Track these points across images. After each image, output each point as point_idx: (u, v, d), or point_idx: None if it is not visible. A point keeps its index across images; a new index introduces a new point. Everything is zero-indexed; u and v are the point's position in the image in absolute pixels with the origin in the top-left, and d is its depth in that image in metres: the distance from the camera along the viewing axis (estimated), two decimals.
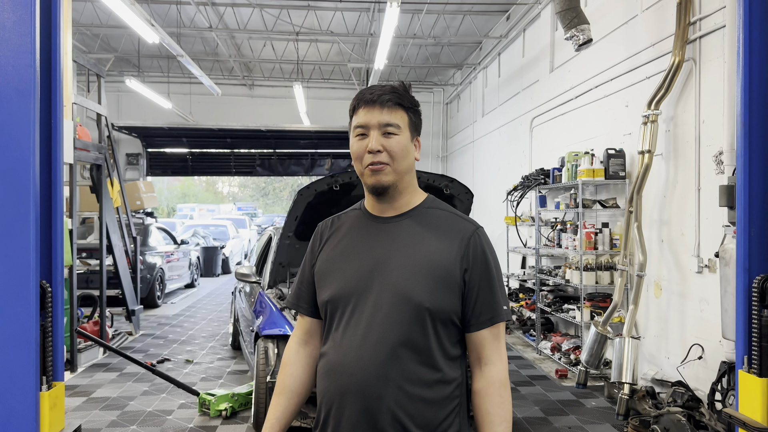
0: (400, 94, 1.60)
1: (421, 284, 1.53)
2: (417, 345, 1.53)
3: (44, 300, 2.58)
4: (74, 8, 9.94)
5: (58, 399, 2.63)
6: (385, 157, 1.57)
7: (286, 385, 1.71)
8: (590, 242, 6.06)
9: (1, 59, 2.41)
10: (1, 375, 2.41)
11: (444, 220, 1.64)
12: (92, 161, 7.12)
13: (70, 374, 6.26)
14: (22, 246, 2.41)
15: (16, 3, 2.43)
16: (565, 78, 7.64)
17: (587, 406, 5.22)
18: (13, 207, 2.41)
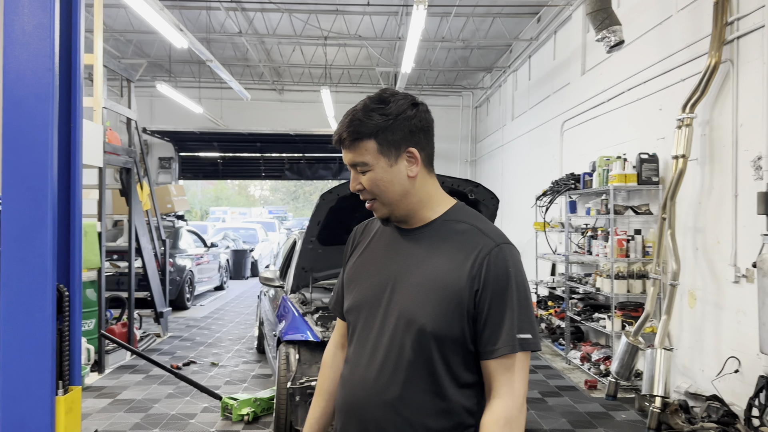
0: (356, 126, 1.44)
1: (427, 307, 1.42)
2: (421, 371, 1.42)
3: (61, 304, 2.58)
4: (108, 14, 10.13)
5: (74, 404, 2.62)
6: (368, 194, 1.51)
7: (324, 387, 1.70)
8: (622, 249, 5.89)
9: (21, 63, 2.42)
10: (17, 379, 2.41)
11: (462, 234, 1.49)
12: (121, 165, 7.20)
13: (97, 375, 6.32)
14: (39, 250, 2.41)
15: (35, 7, 2.43)
16: (596, 81, 7.47)
17: (617, 419, 5.06)
18: (30, 211, 2.42)
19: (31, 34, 2.43)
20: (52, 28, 2.44)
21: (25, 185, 2.41)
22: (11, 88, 2.41)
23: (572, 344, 7.14)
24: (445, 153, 14.80)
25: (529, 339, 1.40)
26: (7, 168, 2.41)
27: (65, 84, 2.67)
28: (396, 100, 1.47)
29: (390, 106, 1.46)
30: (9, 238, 2.40)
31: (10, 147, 2.41)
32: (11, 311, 2.40)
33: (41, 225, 2.41)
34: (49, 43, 2.43)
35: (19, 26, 2.42)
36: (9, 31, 2.41)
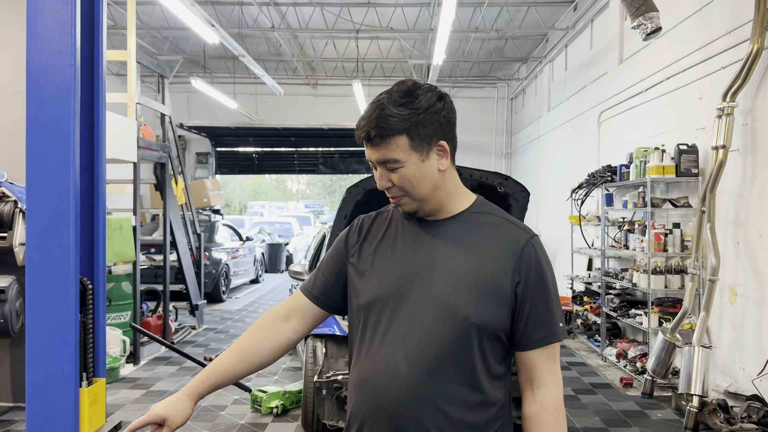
0: (386, 122, 1.38)
1: (468, 297, 1.40)
2: (460, 363, 1.39)
3: (85, 297, 2.62)
4: (143, 11, 10.30)
5: (99, 395, 2.66)
6: (397, 191, 1.45)
7: (245, 347, 1.55)
8: (659, 244, 5.70)
9: (43, 59, 2.45)
10: (42, 371, 2.45)
11: (495, 227, 1.48)
12: (156, 160, 7.31)
13: (132, 367, 6.45)
14: (62, 243, 2.44)
15: (57, 3, 2.46)
16: (634, 70, 7.25)
17: (652, 418, 4.91)
18: (53, 205, 2.45)
19: (53, 29, 2.46)
20: (74, 23, 2.46)
21: (48, 180, 2.44)
22: (34, 83, 2.44)
23: (608, 341, 6.97)
24: (479, 146, 14.63)
25: (564, 328, 1.47)
26: (31, 162, 2.45)
27: (88, 79, 2.70)
28: (424, 92, 1.42)
29: (420, 99, 1.40)
30: (34, 232, 2.44)
31: (33, 142, 2.44)
32: (36, 303, 2.45)
33: (64, 219, 2.44)
34: (71, 39, 2.46)
35: (41, 22, 2.45)
36: (32, 27, 2.45)
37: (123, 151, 6.14)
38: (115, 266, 6.86)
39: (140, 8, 10.10)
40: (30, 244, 2.42)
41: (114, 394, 5.51)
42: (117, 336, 6.38)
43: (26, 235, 2.42)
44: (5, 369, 5.06)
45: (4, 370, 5.05)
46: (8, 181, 5.00)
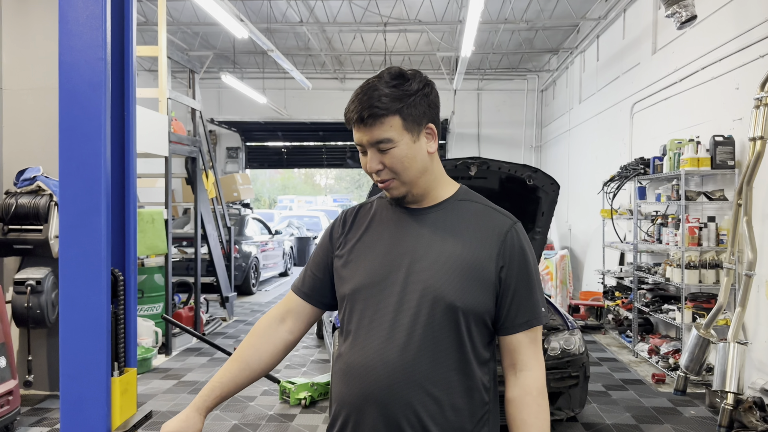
0: (381, 102, 1.39)
1: (454, 282, 1.41)
2: (448, 348, 1.42)
3: (116, 288, 2.66)
4: (174, 7, 10.42)
5: (130, 384, 2.71)
6: (387, 174, 1.45)
7: (244, 356, 1.56)
8: (694, 238, 5.58)
9: (74, 53, 2.49)
10: (75, 360, 2.50)
11: (479, 213, 1.51)
12: (187, 154, 7.41)
13: (165, 357, 6.57)
14: (93, 235, 2.49)
15: None
16: (668, 60, 7.08)
17: (685, 415, 4.81)
18: (85, 198, 2.49)
19: (84, 24, 2.49)
20: (104, 18, 2.50)
21: (80, 173, 2.49)
22: (66, 78, 2.49)
23: (640, 336, 6.85)
24: (509, 139, 14.49)
25: (544, 312, 1.49)
26: (63, 156, 2.49)
27: (118, 73, 2.73)
28: (412, 76, 1.46)
29: (410, 82, 1.44)
30: (66, 225, 2.49)
31: (65, 135, 2.49)
32: (69, 294, 2.50)
33: (96, 212, 2.48)
34: (101, 34, 2.49)
35: (73, 17, 2.49)
36: (64, 22, 2.49)
37: (155, 146, 6.24)
38: (147, 259, 6.99)
39: (171, 4, 10.22)
40: (63, 236, 2.47)
41: (146, 384, 5.61)
42: (149, 327, 6.50)
43: (59, 227, 2.46)
44: (42, 358, 5.20)
45: (41, 360, 5.19)
46: (44, 175, 5.13)
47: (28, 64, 5.32)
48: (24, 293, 4.70)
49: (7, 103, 5.33)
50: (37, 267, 4.96)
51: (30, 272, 4.84)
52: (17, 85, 5.32)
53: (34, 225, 4.95)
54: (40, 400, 5.07)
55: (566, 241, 11.74)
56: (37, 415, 4.76)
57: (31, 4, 5.33)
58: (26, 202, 4.95)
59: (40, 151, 5.25)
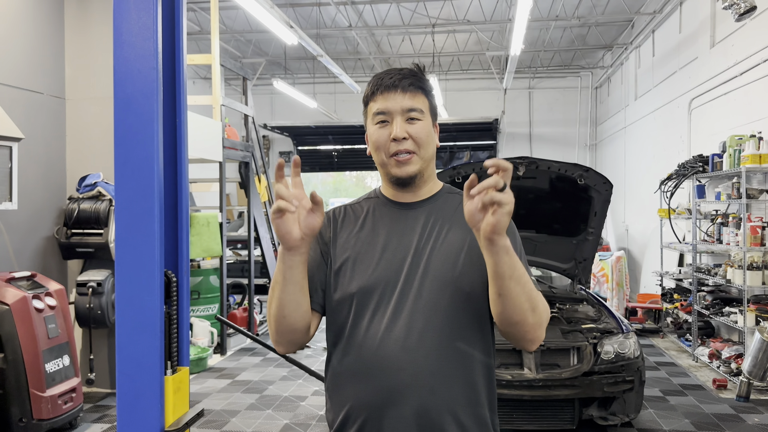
0: (420, 78, 1.52)
1: (459, 268, 1.45)
2: (472, 334, 1.46)
3: (169, 289, 2.75)
4: (227, 16, 10.69)
5: (182, 383, 2.79)
6: (411, 145, 1.48)
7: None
8: (756, 237, 5.34)
9: (127, 63, 2.59)
10: (131, 358, 2.60)
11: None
12: (240, 159, 7.59)
13: (220, 357, 6.74)
14: (147, 238, 2.58)
15: (140, 10, 2.59)
16: (728, 53, 6.81)
17: (748, 423, 4.61)
18: (139, 202, 2.59)
19: (137, 35, 2.59)
20: (156, 29, 2.59)
21: (135, 179, 2.59)
22: (121, 87, 2.59)
23: (700, 340, 6.60)
24: (562, 138, 14.20)
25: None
26: (119, 162, 2.59)
27: (170, 82, 2.83)
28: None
29: (429, 81, 1.57)
30: (122, 228, 2.59)
31: (121, 142, 2.59)
32: (125, 295, 2.60)
33: (149, 215, 2.57)
34: (153, 44, 2.58)
35: (126, 28, 2.59)
36: (118, 33, 2.59)
37: (209, 151, 6.41)
38: (203, 261, 7.19)
39: (224, 13, 10.49)
40: (118, 239, 2.57)
41: (201, 383, 5.77)
42: (205, 327, 6.69)
43: (115, 230, 2.57)
44: (103, 357, 5.42)
45: (103, 359, 5.41)
46: (104, 181, 5.35)
47: (89, 75, 5.56)
48: (86, 294, 4.92)
49: (70, 112, 5.59)
50: (98, 269, 5.18)
51: (91, 274, 5.05)
52: (79, 95, 5.58)
53: (95, 229, 5.18)
54: (101, 398, 5.29)
55: (623, 242, 11.43)
56: (99, 411, 4.96)
57: (91, 17, 5.58)
58: (88, 207, 5.17)
59: (100, 158, 5.48)
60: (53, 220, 5.38)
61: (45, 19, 5.38)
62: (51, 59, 5.45)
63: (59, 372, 4.35)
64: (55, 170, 5.47)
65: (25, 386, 4.13)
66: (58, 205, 5.46)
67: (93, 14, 5.58)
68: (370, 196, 1.65)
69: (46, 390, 4.20)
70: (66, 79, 5.59)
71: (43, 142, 5.33)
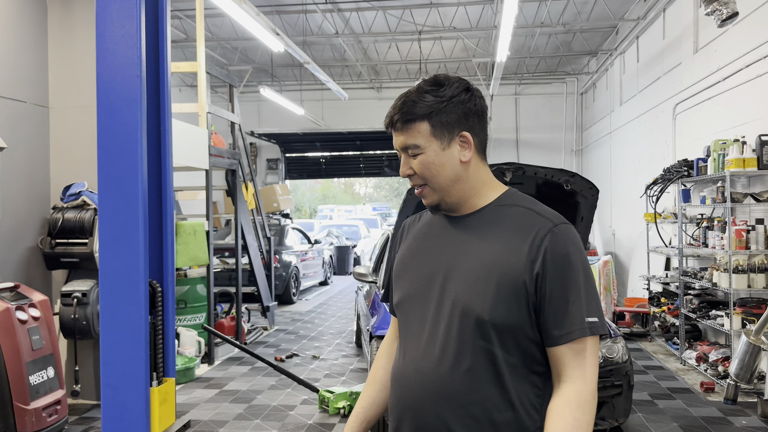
0: (409, 107, 1.41)
1: (483, 295, 1.36)
2: (481, 362, 1.36)
3: (154, 299, 2.73)
4: (213, 23, 10.67)
5: (168, 394, 2.76)
6: (418, 180, 1.46)
7: (377, 377, 1.67)
8: (741, 241, 5.38)
9: (111, 71, 2.57)
10: (116, 370, 2.57)
11: (517, 217, 1.42)
12: (227, 167, 7.55)
13: (207, 367, 6.67)
14: (131, 248, 2.55)
15: (123, 18, 2.57)
16: (711, 59, 6.88)
17: (736, 425, 4.63)
18: (123, 212, 2.56)
19: (120, 43, 2.57)
20: (139, 36, 2.57)
21: (118, 187, 2.56)
22: (104, 95, 2.57)
23: (687, 343, 6.64)
24: (548, 143, 14.30)
25: (597, 323, 1.35)
26: (102, 171, 2.57)
27: (154, 90, 2.81)
28: (450, 83, 1.44)
29: (444, 88, 1.43)
30: (105, 238, 2.57)
31: (104, 151, 2.57)
32: (109, 306, 2.57)
33: (133, 225, 2.55)
34: (136, 51, 2.57)
35: (109, 36, 2.57)
36: (101, 41, 2.57)
37: (195, 159, 6.37)
38: (189, 270, 7.13)
39: (210, 20, 10.46)
40: (102, 249, 2.54)
41: (189, 393, 5.71)
42: (192, 337, 6.63)
43: (99, 240, 2.54)
44: (89, 369, 5.35)
45: (88, 370, 5.34)
46: (89, 190, 5.30)
47: (73, 84, 5.52)
48: (71, 305, 4.86)
49: (54, 121, 5.54)
50: (83, 279, 5.12)
51: (76, 285, 4.99)
52: (63, 103, 5.53)
53: (80, 239, 5.12)
54: (87, 410, 5.22)
55: (610, 246, 11.49)
56: (84, 423, 4.89)
57: (75, 24, 5.54)
58: (72, 217, 5.12)
59: (85, 167, 5.43)
60: (37, 230, 5.32)
61: (28, 27, 5.34)
62: (34, 68, 5.40)
63: (43, 384, 4.28)
64: (38, 179, 5.42)
65: (8, 399, 4.06)
66: (42, 214, 5.40)
67: (77, 22, 5.54)
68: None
69: (30, 402, 4.13)
70: (50, 87, 5.54)
71: (27, 151, 5.28)
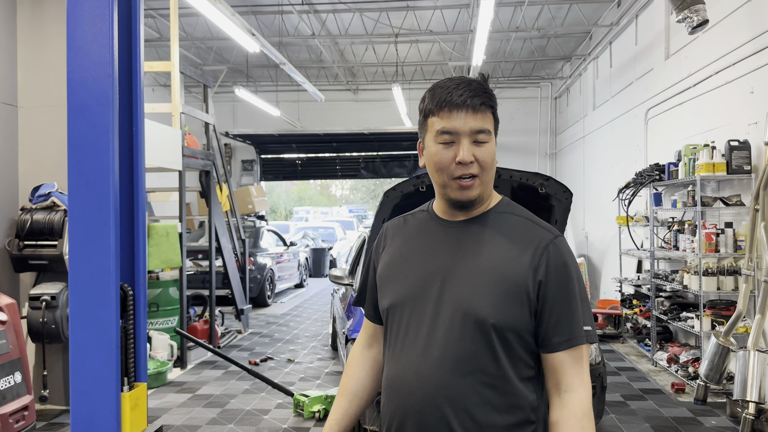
0: (490, 94, 1.41)
1: (487, 297, 1.37)
2: (482, 364, 1.37)
3: (126, 303, 2.67)
4: (187, 23, 10.55)
5: (140, 399, 2.71)
6: (476, 169, 1.39)
7: (348, 387, 1.65)
8: (711, 244, 5.49)
9: (82, 70, 2.51)
10: (86, 374, 2.51)
11: (518, 226, 1.45)
12: (201, 168, 7.46)
13: (180, 371, 6.58)
14: (103, 250, 2.50)
15: (95, 16, 2.52)
16: (682, 65, 7.02)
17: (706, 425, 4.71)
18: (94, 213, 2.51)
19: (92, 41, 2.52)
20: (111, 35, 2.52)
21: (89, 189, 2.51)
22: (74, 94, 2.52)
23: (659, 345, 6.74)
24: (523, 147, 14.44)
25: (591, 331, 1.40)
26: (72, 172, 2.51)
27: (126, 89, 2.76)
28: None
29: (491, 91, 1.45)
30: (76, 240, 2.51)
31: (74, 151, 2.51)
32: (79, 309, 2.51)
33: (104, 227, 2.50)
34: (109, 51, 2.52)
35: (81, 34, 2.52)
36: (72, 39, 2.52)
37: (168, 160, 6.29)
38: (162, 272, 7.02)
39: (184, 20, 10.34)
40: (72, 251, 2.48)
41: (161, 398, 5.62)
42: (164, 341, 6.53)
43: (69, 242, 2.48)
44: (58, 373, 5.23)
45: (57, 375, 5.22)
46: (59, 191, 5.18)
47: (43, 82, 5.40)
48: (39, 308, 4.75)
49: (22, 120, 5.41)
50: (53, 282, 5.00)
51: (45, 287, 4.88)
52: (32, 102, 5.40)
53: (49, 240, 5.01)
54: (55, 415, 5.10)
55: (583, 249, 11.63)
56: (53, 429, 4.78)
57: (45, 22, 5.42)
58: (41, 218, 5.00)
59: (55, 168, 5.32)
60: (4, 232, 5.19)
61: None
62: (2, 66, 5.27)
63: (10, 389, 4.17)
64: (6, 180, 5.28)
65: None
66: (10, 215, 5.27)
67: (47, 19, 5.42)
68: (423, 209, 1.61)
69: None
70: (18, 86, 5.41)
71: None
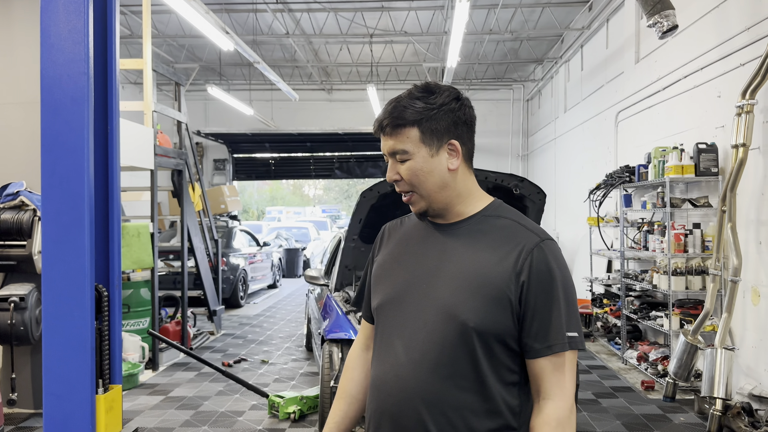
0: (400, 112, 1.42)
1: (469, 301, 1.37)
2: (463, 367, 1.37)
3: (101, 304, 2.63)
4: (159, 20, 10.40)
5: (115, 402, 2.67)
6: (405, 185, 1.46)
7: (347, 389, 1.65)
8: (679, 244, 5.61)
9: (56, 68, 2.47)
10: (60, 377, 2.47)
11: (504, 229, 1.45)
12: (173, 167, 7.37)
13: (152, 373, 6.49)
14: (77, 251, 2.46)
15: (69, 12, 2.48)
16: (651, 69, 7.16)
17: (675, 422, 4.82)
18: (68, 213, 2.47)
19: (67, 39, 2.48)
20: (86, 32, 2.48)
21: (63, 188, 2.47)
22: (48, 92, 2.47)
23: (629, 343, 6.87)
24: (496, 148, 14.57)
25: (577, 337, 1.38)
26: (46, 170, 2.47)
27: (101, 87, 2.72)
28: (441, 91, 1.45)
29: (435, 96, 1.44)
30: (49, 240, 2.46)
31: (48, 150, 2.47)
32: (53, 310, 2.47)
33: (79, 226, 2.46)
34: (84, 48, 2.48)
35: (55, 31, 2.48)
36: (45, 36, 2.47)
37: (140, 159, 6.20)
38: (133, 273, 6.92)
39: (156, 17, 10.20)
40: (46, 251, 2.44)
41: (133, 400, 5.54)
42: (136, 342, 6.43)
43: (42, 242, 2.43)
44: (26, 376, 5.12)
45: (25, 378, 5.11)
46: (27, 190, 5.07)
47: (13, 79, 5.28)
48: (7, 310, 4.64)
49: None
50: (21, 283, 4.90)
51: (13, 288, 4.77)
52: (1, 99, 5.28)
53: (18, 240, 4.89)
54: (24, 419, 4.99)
55: None
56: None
57: (15, 16, 5.30)
58: (9, 218, 4.89)
59: (24, 166, 5.20)
60: None
61: None
62: None
63: None
64: None
65: None
66: None
67: (17, 13, 5.30)
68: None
69: None
70: None
71: None
